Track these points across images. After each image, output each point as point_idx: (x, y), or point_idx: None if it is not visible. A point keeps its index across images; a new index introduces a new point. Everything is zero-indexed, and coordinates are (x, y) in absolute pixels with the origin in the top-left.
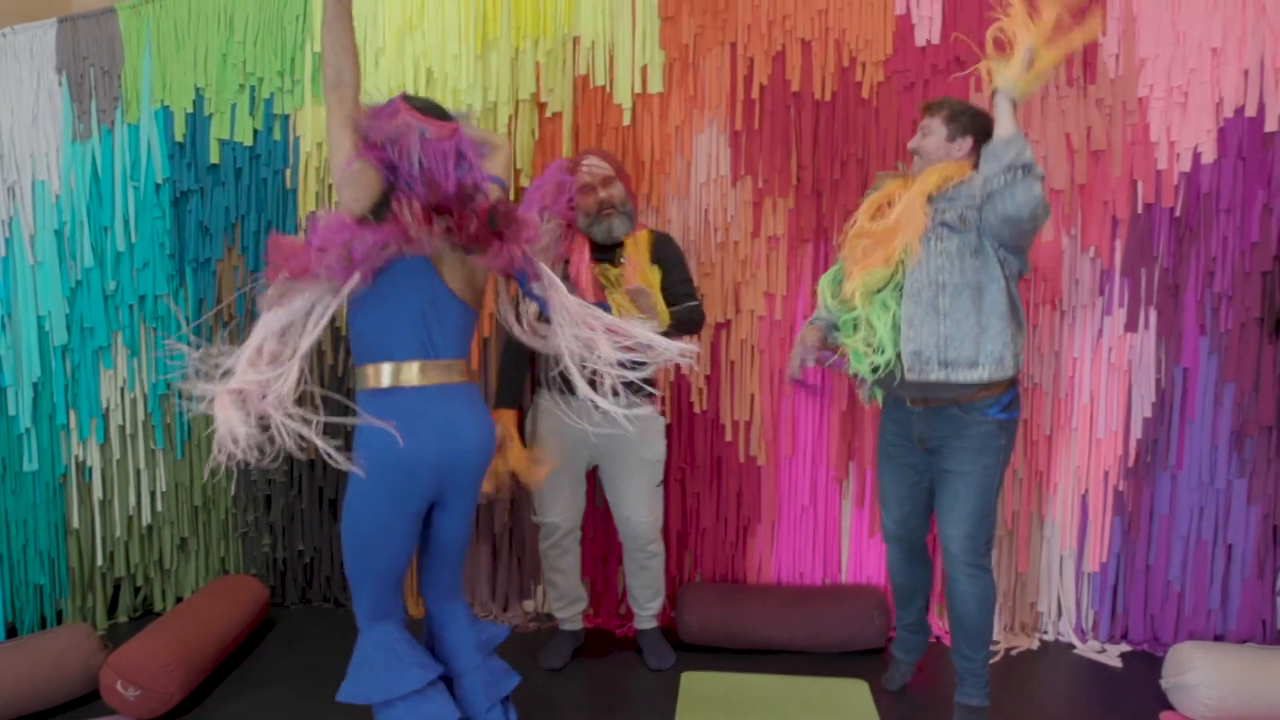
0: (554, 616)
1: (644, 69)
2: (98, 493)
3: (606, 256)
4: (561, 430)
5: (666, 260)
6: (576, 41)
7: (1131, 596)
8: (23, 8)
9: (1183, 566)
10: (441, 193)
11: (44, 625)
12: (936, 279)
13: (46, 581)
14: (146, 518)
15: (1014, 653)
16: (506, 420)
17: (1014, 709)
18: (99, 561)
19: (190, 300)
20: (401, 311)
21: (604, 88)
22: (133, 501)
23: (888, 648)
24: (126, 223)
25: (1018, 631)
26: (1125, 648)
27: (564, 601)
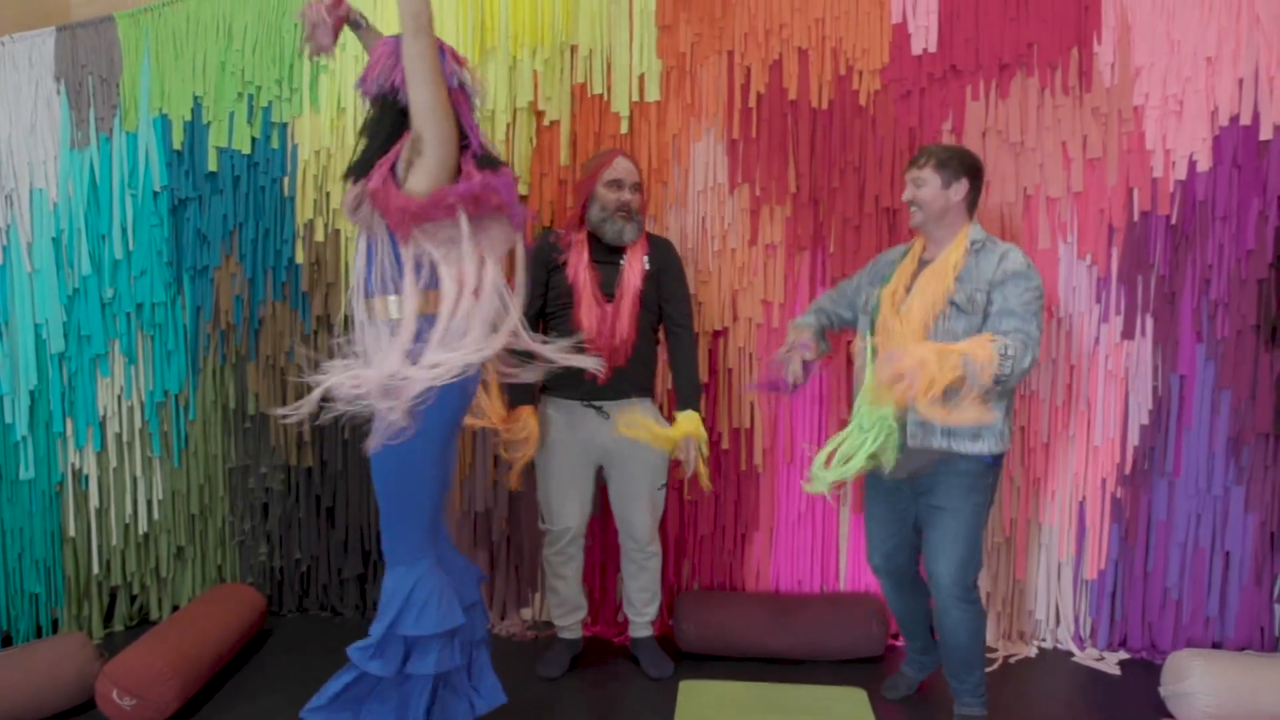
0: (553, 625)
1: (641, 77)
2: (94, 501)
3: (608, 258)
4: (571, 435)
5: (667, 270)
6: (574, 50)
7: (1129, 604)
8: (22, 16)
9: (1180, 574)
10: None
11: (39, 634)
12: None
13: (42, 590)
14: (143, 526)
15: (1012, 660)
16: (526, 416)
17: (1013, 717)
18: (95, 570)
19: (188, 308)
20: None
21: (602, 96)
22: (129, 510)
23: (886, 656)
24: (124, 230)
25: (1016, 639)
26: (1123, 655)
27: (565, 609)
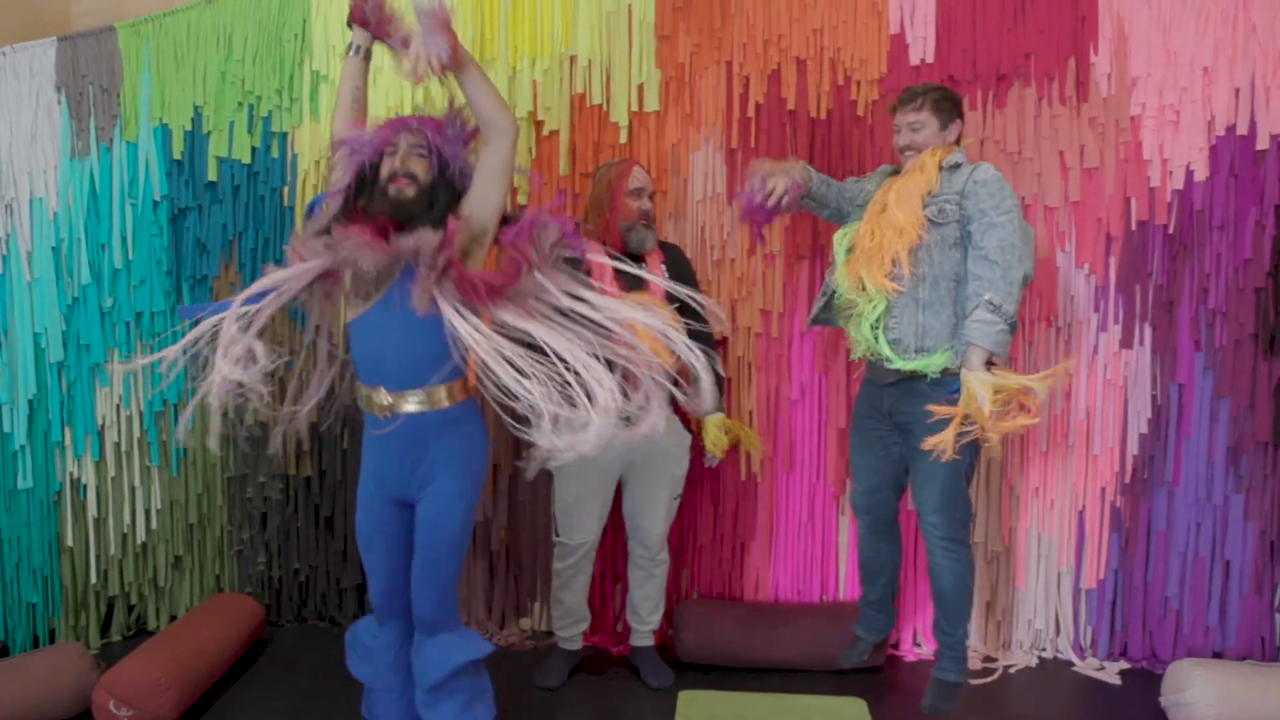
0: (553, 634)
1: (640, 87)
2: (92, 510)
3: (627, 269)
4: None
5: (683, 276)
6: (573, 60)
7: (1130, 613)
8: (23, 27)
9: (1180, 583)
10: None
11: (37, 644)
12: (916, 270)
13: (40, 600)
14: (141, 535)
15: (1013, 670)
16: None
17: None
18: (93, 580)
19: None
20: None
21: (601, 106)
22: (127, 519)
23: (885, 666)
24: (124, 240)
25: (1016, 649)
26: (1124, 665)
27: (568, 620)
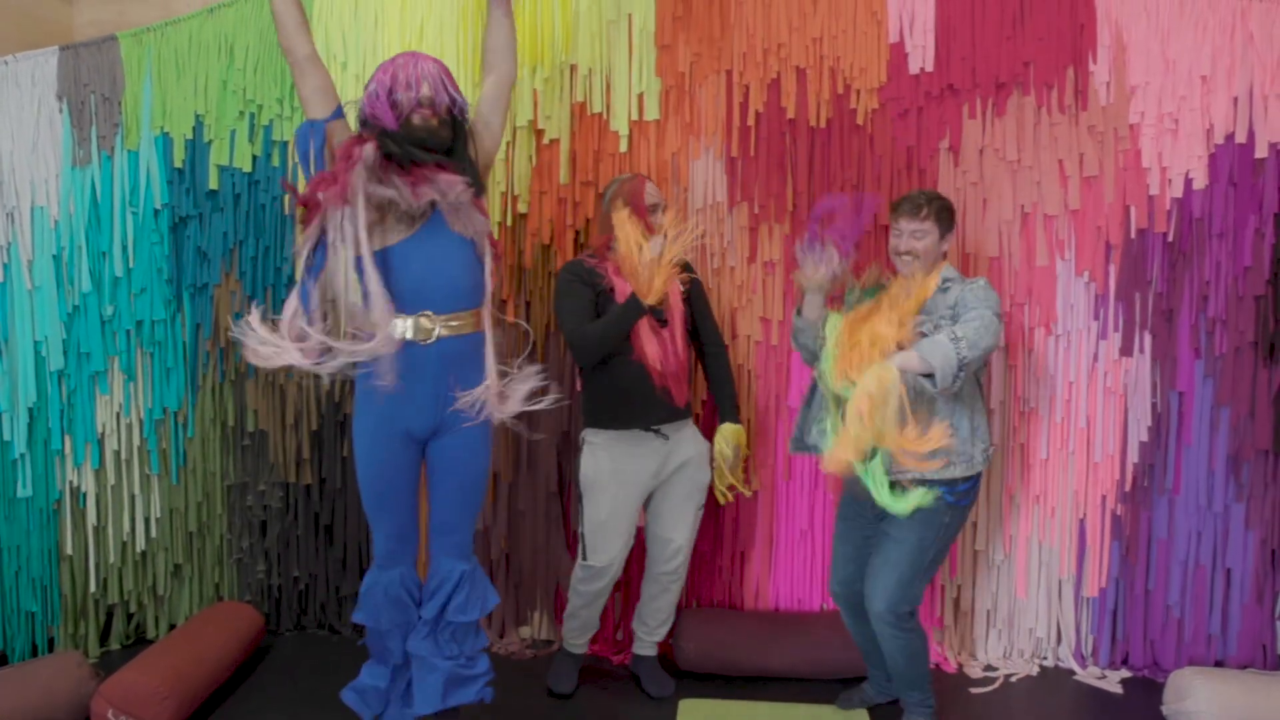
0: (552, 642)
1: (640, 96)
2: (92, 519)
3: None
4: (627, 468)
5: (694, 288)
6: (574, 69)
7: (1131, 622)
8: (25, 36)
9: (1182, 591)
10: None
11: (35, 653)
12: (914, 386)
13: (39, 608)
14: (141, 544)
15: (1014, 679)
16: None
17: None
18: (92, 588)
19: (188, 325)
20: None
21: (601, 115)
22: (127, 527)
23: None
24: (125, 248)
25: (1017, 658)
26: (1125, 674)
27: (581, 632)
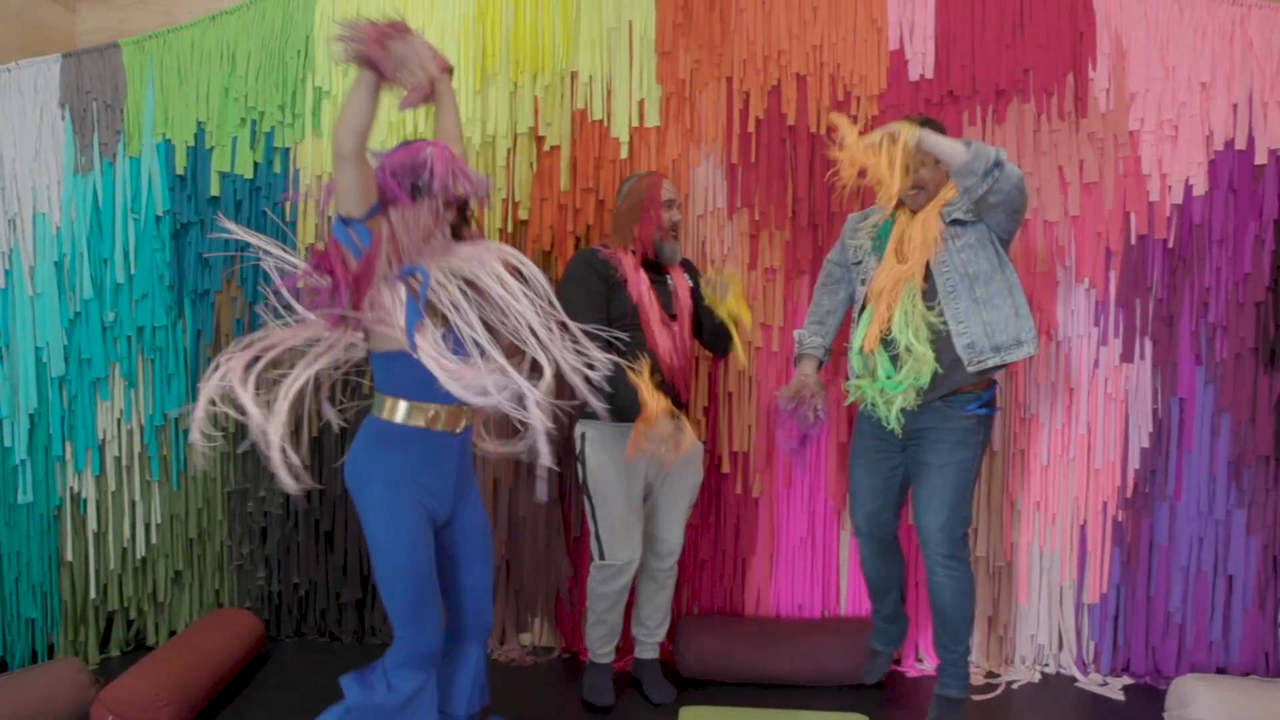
0: (552, 649)
1: (641, 103)
2: (92, 525)
3: (657, 277)
4: (632, 463)
5: (697, 284)
6: (574, 76)
7: (1132, 628)
8: (28, 43)
9: (1183, 598)
10: None
11: (35, 659)
12: (967, 271)
13: (39, 615)
14: (141, 550)
15: (1015, 686)
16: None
17: None
18: (92, 595)
19: (189, 331)
20: None
21: (602, 121)
22: (127, 534)
23: (888, 682)
24: (126, 255)
25: (1018, 664)
26: (1127, 680)
27: (608, 638)
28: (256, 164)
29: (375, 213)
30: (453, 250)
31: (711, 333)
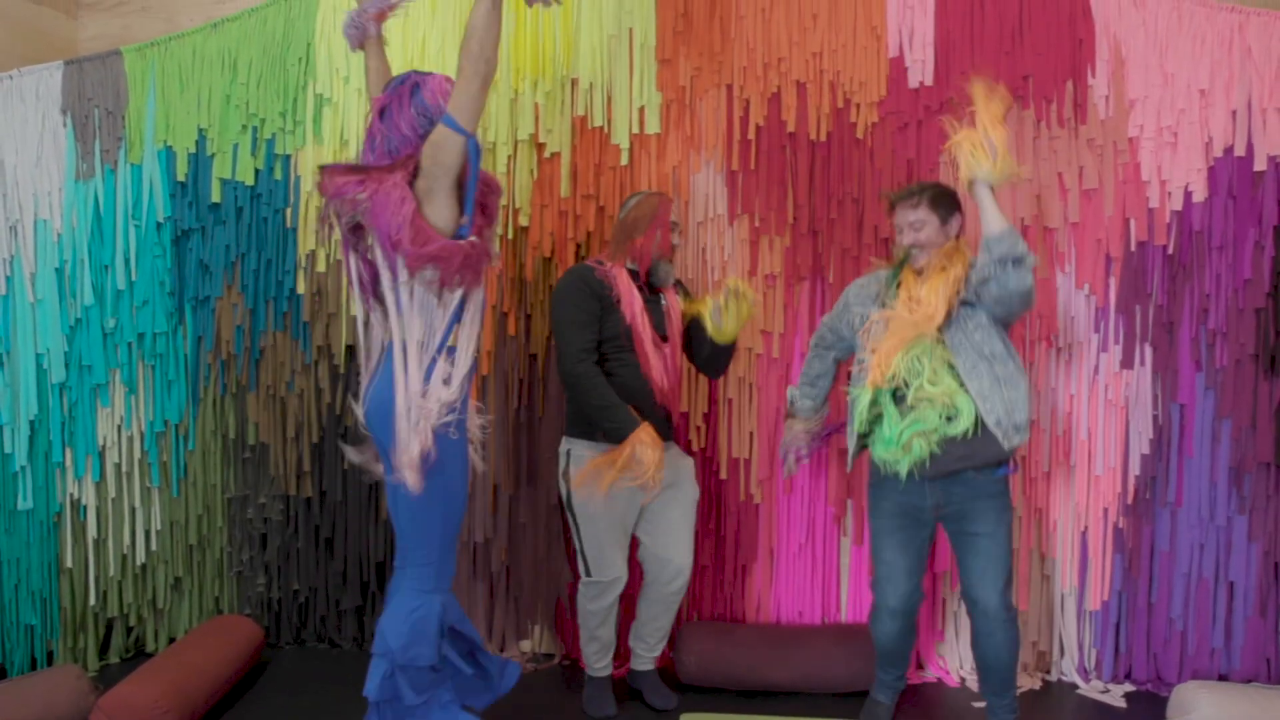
0: (553, 656)
1: (641, 110)
2: (92, 531)
3: (650, 297)
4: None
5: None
6: (575, 83)
7: (1134, 635)
8: (30, 51)
9: (1185, 604)
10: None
11: (34, 666)
12: (983, 350)
13: (38, 622)
14: (141, 557)
15: (1016, 693)
16: (647, 434)
17: None
18: (91, 601)
19: (189, 338)
20: None
21: (602, 128)
22: (127, 540)
23: None
24: (127, 261)
25: (1020, 672)
26: (1129, 687)
27: (604, 653)
28: (257, 171)
29: None
30: None
31: (707, 359)
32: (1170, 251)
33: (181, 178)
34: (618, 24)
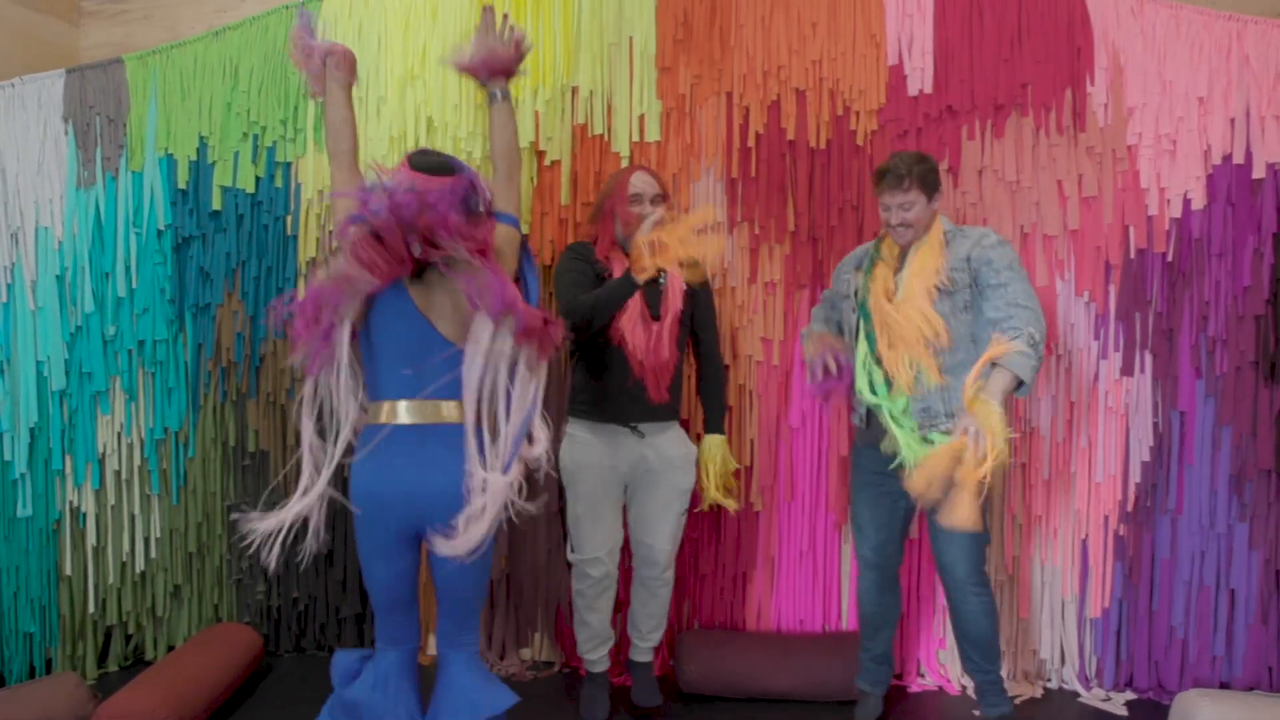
0: (553, 664)
1: (641, 118)
2: (91, 539)
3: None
4: (604, 459)
5: (702, 291)
6: (575, 91)
7: (1135, 643)
8: (32, 59)
9: (1186, 612)
10: (401, 217)
11: (33, 674)
12: (966, 334)
13: (37, 629)
14: (140, 564)
15: (1018, 701)
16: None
17: None
18: (90, 609)
19: (189, 345)
20: (387, 351)
21: (602, 136)
22: (126, 548)
23: (889, 696)
24: (128, 268)
25: (1021, 679)
26: (1130, 695)
27: (595, 642)
28: (258, 178)
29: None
30: None
31: (707, 397)
32: (1170, 259)
33: (182, 185)
34: (618, 32)
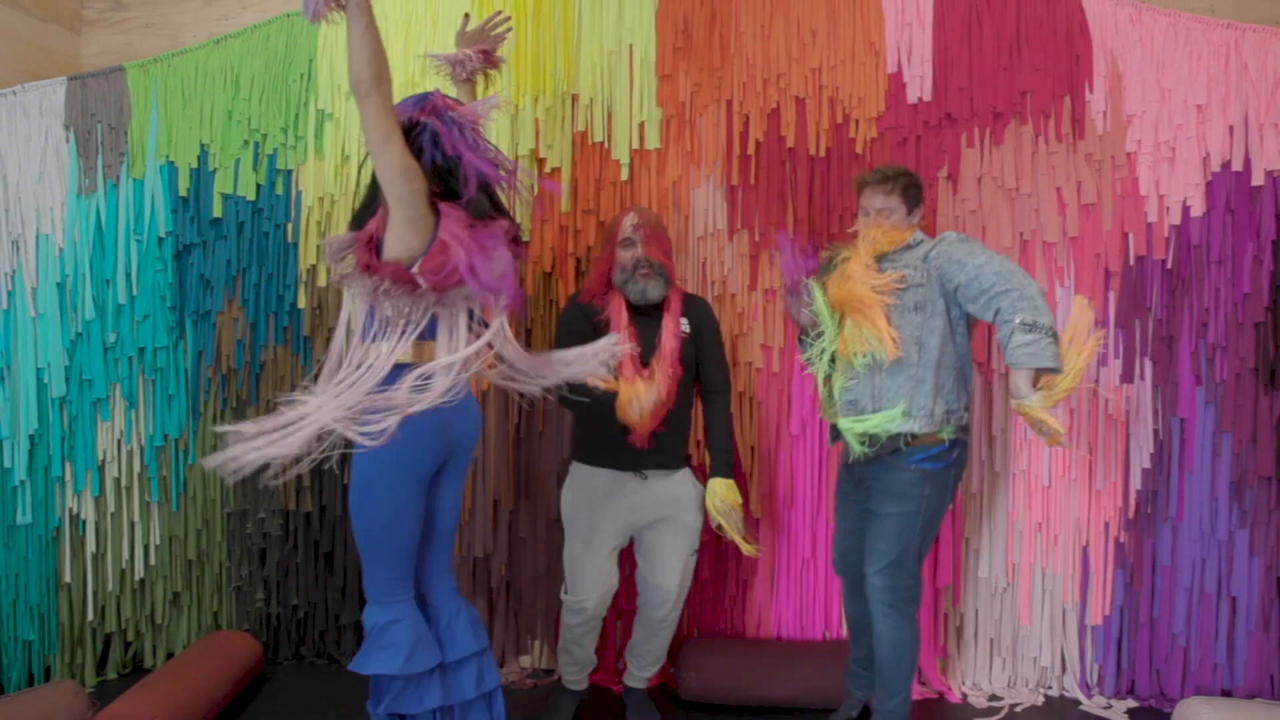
0: (553, 671)
1: (641, 125)
2: (91, 546)
3: (645, 318)
4: (606, 504)
5: (704, 331)
6: (575, 99)
7: (1136, 650)
8: (33, 67)
9: (1187, 619)
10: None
11: (32, 682)
12: (916, 336)
13: (35, 637)
14: (139, 572)
15: (1019, 709)
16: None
17: None
18: (89, 616)
19: (190, 352)
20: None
21: (602, 144)
22: (126, 555)
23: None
24: (128, 276)
25: (1021, 687)
26: (1132, 703)
27: (576, 668)
28: (259, 186)
29: None
30: None
31: (710, 442)
32: (1169, 266)
33: (183, 193)
34: (618, 40)
